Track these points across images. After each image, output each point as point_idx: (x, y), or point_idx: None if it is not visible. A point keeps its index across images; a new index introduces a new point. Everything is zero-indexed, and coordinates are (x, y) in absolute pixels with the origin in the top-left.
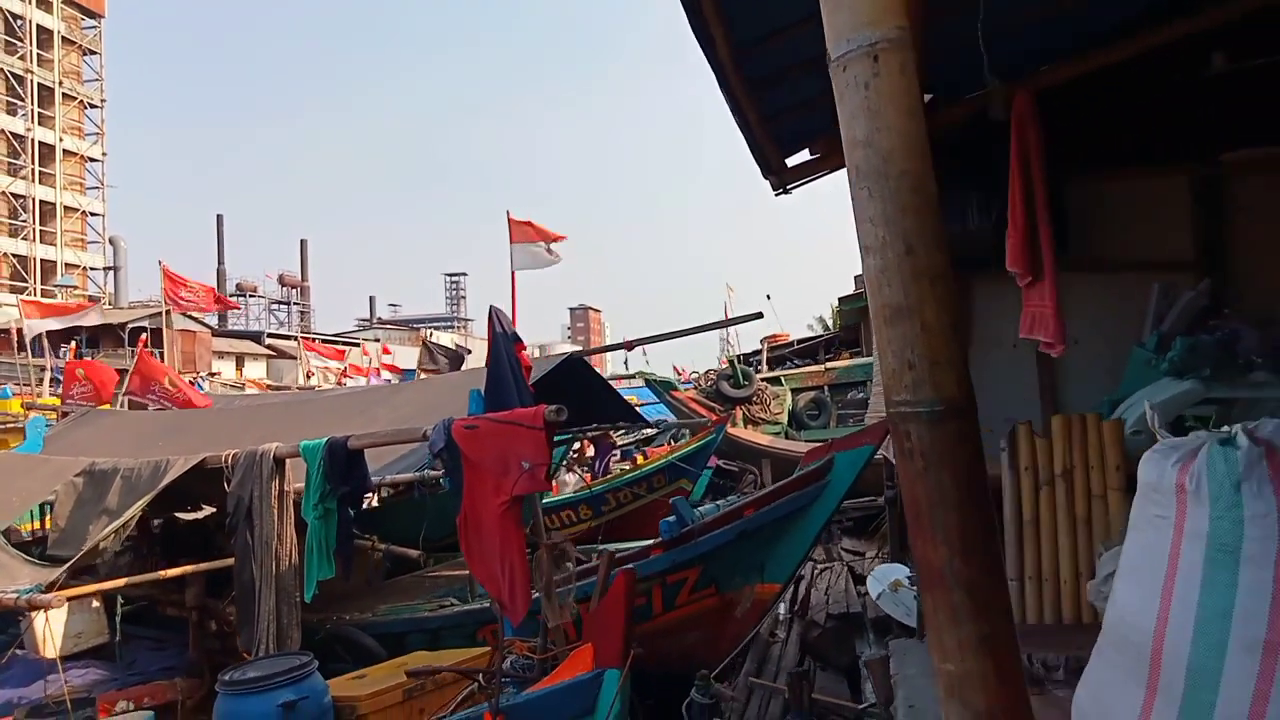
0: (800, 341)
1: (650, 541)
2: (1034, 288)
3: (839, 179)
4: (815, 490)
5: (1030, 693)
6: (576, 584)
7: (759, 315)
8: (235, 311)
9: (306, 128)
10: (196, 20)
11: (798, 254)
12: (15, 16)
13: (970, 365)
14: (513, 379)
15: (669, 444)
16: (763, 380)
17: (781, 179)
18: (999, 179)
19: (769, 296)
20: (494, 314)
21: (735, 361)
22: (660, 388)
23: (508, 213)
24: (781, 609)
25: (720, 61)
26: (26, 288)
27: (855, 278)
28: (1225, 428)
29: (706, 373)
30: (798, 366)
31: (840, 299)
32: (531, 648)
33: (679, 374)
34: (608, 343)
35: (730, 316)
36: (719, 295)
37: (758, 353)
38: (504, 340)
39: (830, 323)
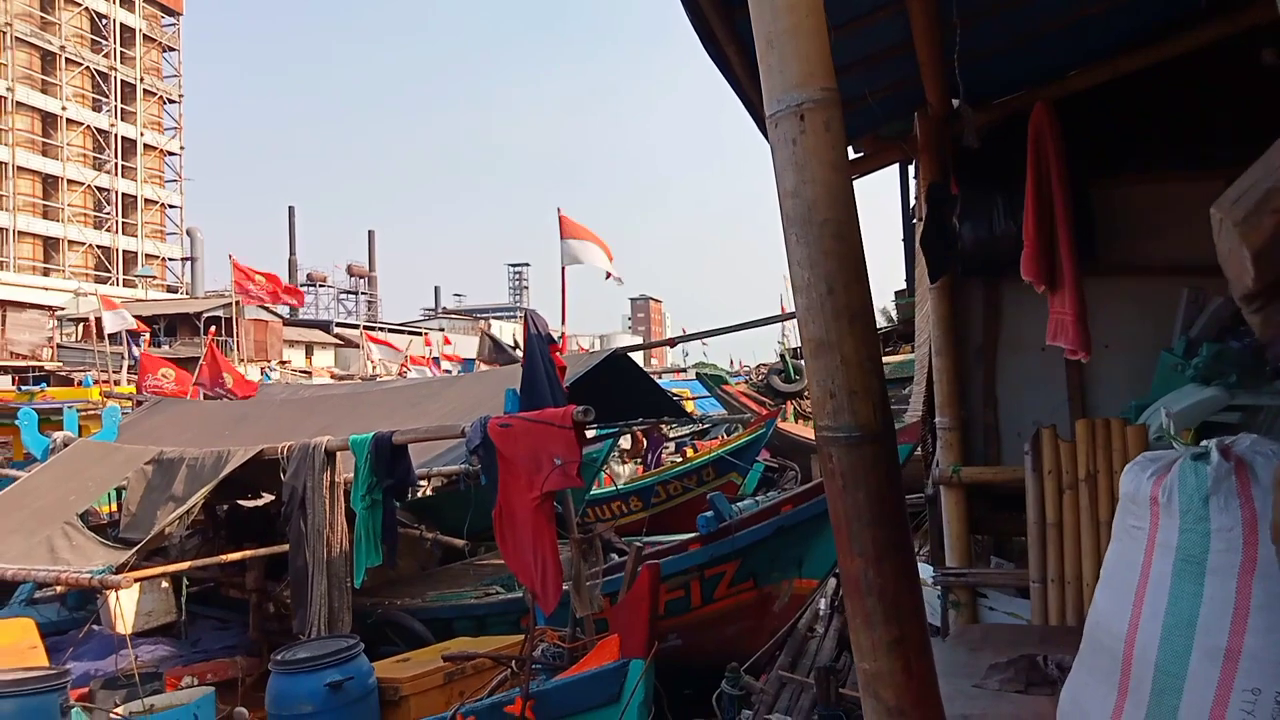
0: None
1: (689, 536)
2: (1056, 295)
3: (886, 175)
4: None
5: (1042, 693)
6: (609, 578)
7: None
8: (305, 300)
9: (377, 121)
10: (267, 19)
11: None
12: (100, 16)
13: (997, 369)
14: (546, 379)
15: (723, 437)
16: None
17: None
18: (1024, 183)
19: None
20: (529, 316)
21: (786, 356)
22: (711, 382)
23: (559, 209)
24: (821, 604)
25: (738, 79)
26: (110, 277)
27: (906, 272)
28: (1203, 443)
29: (758, 367)
30: None
31: (896, 293)
32: (562, 637)
33: (740, 366)
34: (668, 333)
35: (786, 310)
36: (779, 283)
37: None
38: (538, 341)
39: (892, 316)
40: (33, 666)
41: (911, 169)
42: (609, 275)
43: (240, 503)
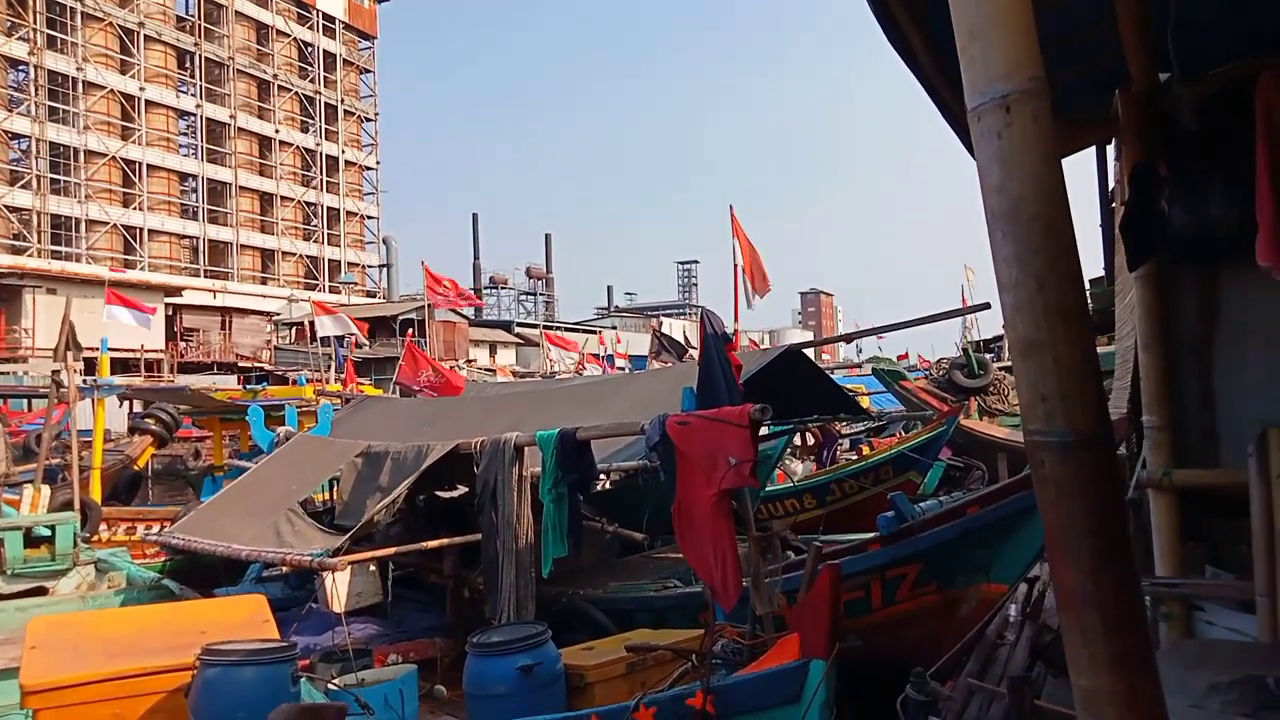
0: None
1: (868, 536)
2: None
3: (1081, 158)
4: None
5: (1274, 718)
6: (788, 575)
7: (986, 306)
8: (489, 302)
9: (552, 128)
10: (451, 32)
11: None
12: (306, 44)
13: (1214, 364)
14: (722, 377)
15: (899, 435)
16: (1001, 369)
17: None
18: (1246, 163)
19: None
20: (705, 316)
21: (969, 350)
22: (888, 377)
23: (730, 207)
24: (1012, 611)
25: (920, 63)
26: (317, 284)
27: (1105, 260)
28: None
29: (938, 362)
30: None
31: (1091, 281)
32: (741, 633)
33: (919, 361)
34: (840, 328)
35: (968, 303)
36: (958, 276)
37: (999, 339)
38: (714, 340)
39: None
40: (267, 639)
41: (1110, 151)
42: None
43: (437, 493)
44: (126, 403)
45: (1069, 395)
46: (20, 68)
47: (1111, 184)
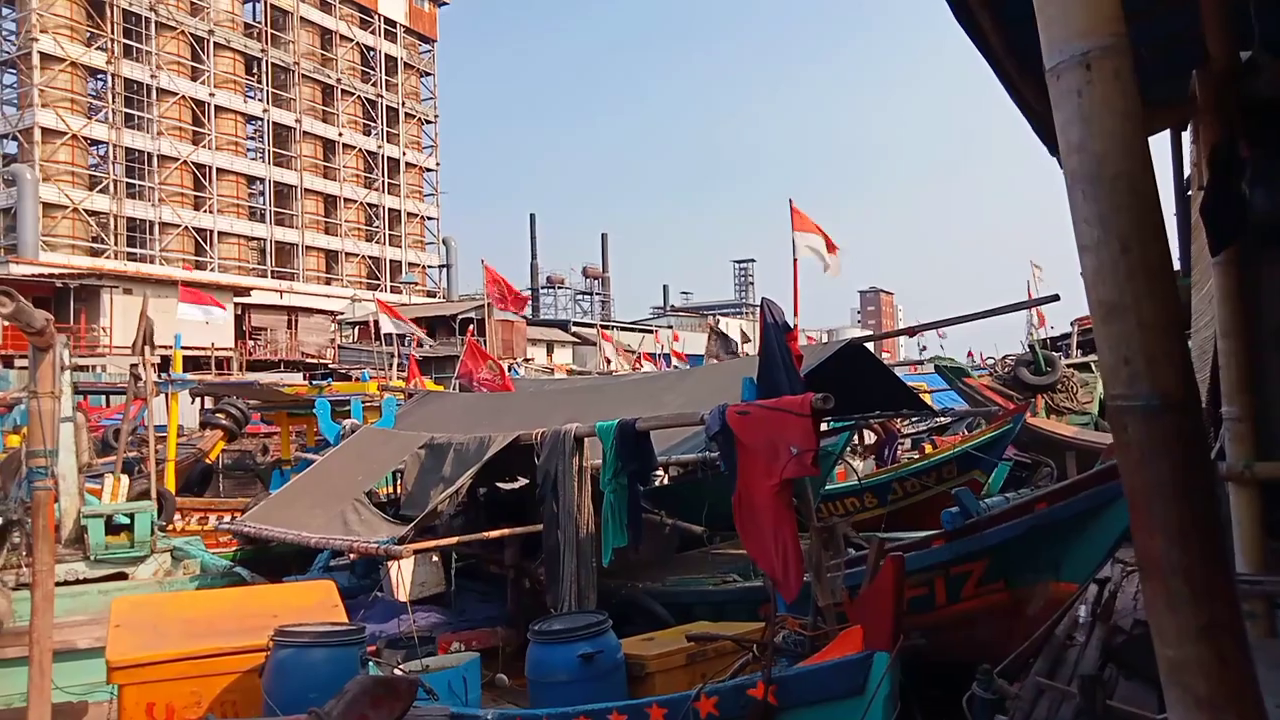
0: None
1: (933, 532)
2: None
3: (1155, 145)
4: (1120, 485)
5: None
6: (849, 571)
7: (1055, 298)
8: (546, 301)
9: (610, 127)
10: (506, 35)
11: None
12: (369, 49)
13: None
14: (783, 367)
15: (963, 433)
16: (1070, 366)
17: None
18: None
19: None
20: (765, 305)
21: (1036, 347)
22: (951, 374)
23: (790, 200)
24: (1082, 611)
25: (990, 45)
26: (379, 284)
27: (1181, 251)
28: None
29: (1003, 359)
30: None
31: None
32: (803, 625)
33: (982, 359)
34: (900, 326)
35: (1035, 297)
36: (1024, 272)
37: (1067, 336)
38: (775, 330)
39: None
40: (336, 623)
41: (1186, 135)
42: (826, 268)
43: (498, 485)
44: (198, 399)
45: (1154, 358)
46: (99, 76)
47: (1188, 171)
